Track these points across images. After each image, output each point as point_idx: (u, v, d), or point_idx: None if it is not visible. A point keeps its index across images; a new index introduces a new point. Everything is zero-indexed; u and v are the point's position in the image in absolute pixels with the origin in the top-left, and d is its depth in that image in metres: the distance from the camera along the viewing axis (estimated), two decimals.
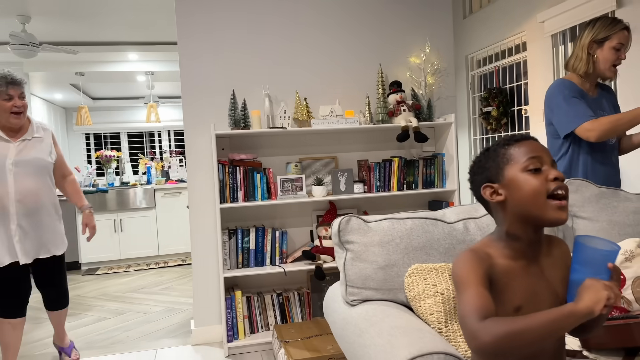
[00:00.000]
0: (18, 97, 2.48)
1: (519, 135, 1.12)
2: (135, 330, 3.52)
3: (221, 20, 3.15)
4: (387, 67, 3.35)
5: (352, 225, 1.68)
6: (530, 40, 4.69)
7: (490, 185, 1.12)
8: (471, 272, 1.04)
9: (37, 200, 2.53)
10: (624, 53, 2.12)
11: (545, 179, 1.05)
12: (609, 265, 0.97)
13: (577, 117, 2.08)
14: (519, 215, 1.09)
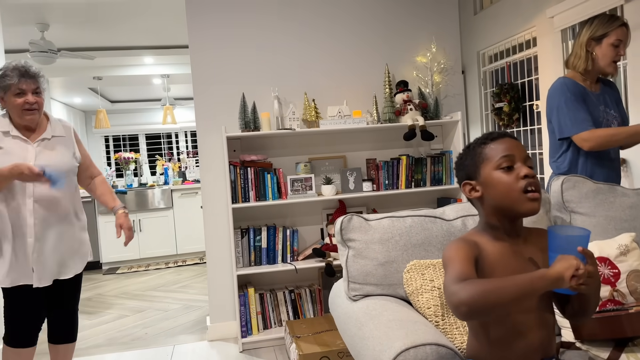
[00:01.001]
0: (32, 92, 2.08)
1: (495, 134, 1.19)
2: (154, 327, 3.64)
3: (230, 25, 3.23)
4: (393, 67, 3.40)
5: (354, 223, 1.75)
6: (541, 36, 4.68)
7: (469, 182, 1.21)
8: (458, 251, 1.13)
9: (59, 209, 2.15)
10: (623, 49, 2.15)
11: (517, 176, 1.13)
12: (578, 248, 1.03)
13: (575, 124, 2.10)
14: (495, 208, 1.18)
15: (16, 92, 2.06)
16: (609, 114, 2.21)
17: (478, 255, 1.16)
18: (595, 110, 2.18)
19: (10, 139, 2.10)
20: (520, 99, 5.10)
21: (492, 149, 1.17)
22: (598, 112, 2.18)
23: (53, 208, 2.13)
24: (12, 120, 2.13)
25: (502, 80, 5.43)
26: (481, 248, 1.17)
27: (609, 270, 1.62)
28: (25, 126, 2.13)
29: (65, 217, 2.18)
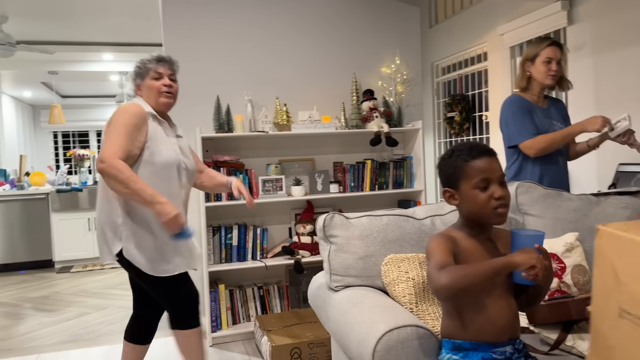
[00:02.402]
0: (168, 77, 2.09)
1: (477, 150, 1.35)
2: (120, 324, 3.66)
3: (206, 28, 3.33)
4: (360, 76, 3.61)
5: (336, 221, 1.92)
6: (491, 51, 5.04)
7: (449, 190, 1.39)
8: (439, 244, 1.33)
9: (187, 209, 2.22)
10: (554, 65, 2.45)
11: (491, 196, 1.32)
12: (535, 245, 1.26)
13: (520, 134, 2.42)
14: (469, 216, 1.38)
15: (154, 76, 2.07)
16: (556, 125, 2.51)
17: (455, 249, 1.35)
18: (542, 122, 2.48)
19: (157, 123, 2.05)
20: (471, 109, 5.47)
21: (472, 168, 1.33)
22: (544, 124, 2.48)
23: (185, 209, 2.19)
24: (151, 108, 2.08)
25: (454, 91, 5.78)
26: (457, 243, 1.36)
27: (556, 264, 1.87)
28: (161, 114, 2.11)
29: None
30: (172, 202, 1.96)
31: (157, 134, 2.03)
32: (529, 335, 1.73)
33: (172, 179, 2.06)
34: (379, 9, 3.65)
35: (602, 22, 3.76)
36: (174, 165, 2.05)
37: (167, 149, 2.04)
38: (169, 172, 2.04)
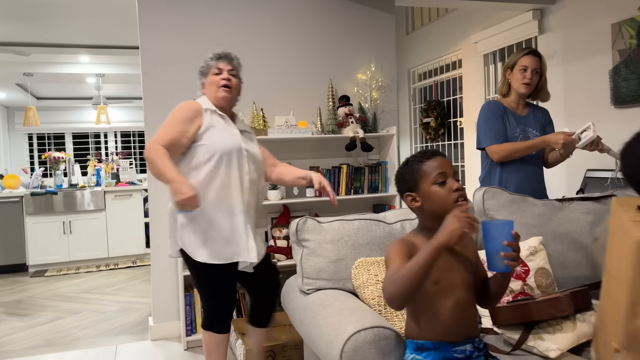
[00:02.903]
0: (228, 72, 2.19)
1: (429, 152, 1.44)
2: (93, 328, 3.63)
3: (182, 31, 3.35)
4: (336, 82, 3.66)
5: (308, 225, 1.96)
6: (465, 58, 5.15)
7: (410, 194, 1.44)
8: (396, 254, 1.37)
9: (257, 197, 2.25)
10: (529, 73, 2.54)
11: (450, 189, 1.39)
12: (512, 232, 1.32)
13: (487, 138, 2.55)
14: (433, 214, 1.42)
15: (215, 72, 2.18)
16: (531, 132, 2.60)
17: (412, 253, 1.38)
18: (513, 129, 2.56)
19: (217, 117, 2.17)
20: (446, 115, 5.57)
21: (428, 167, 1.40)
22: (515, 130, 2.56)
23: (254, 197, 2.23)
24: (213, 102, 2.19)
25: (430, 97, 5.89)
26: (417, 248, 1.41)
27: (520, 267, 1.94)
28: (221, 109, 2.20)
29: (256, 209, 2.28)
30: (231, 186, 2.10)
31: (214, 125, 2.14)
32: (492, 335, 1.79)
33: (232, 165, 2.12)
34: (355, 17, 3.71)
35: (572, 32, 3.88)
36: (233, 150, 2.12)
37: (224, 137, 2.12)
38: (228, 158, 2.11)
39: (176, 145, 2.06)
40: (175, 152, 2.08)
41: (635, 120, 3.36)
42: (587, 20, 3.72)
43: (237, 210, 2.13)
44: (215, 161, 2.10)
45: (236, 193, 2.13)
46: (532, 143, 2.48)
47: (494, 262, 1.34)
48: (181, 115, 2.09)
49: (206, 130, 2.11)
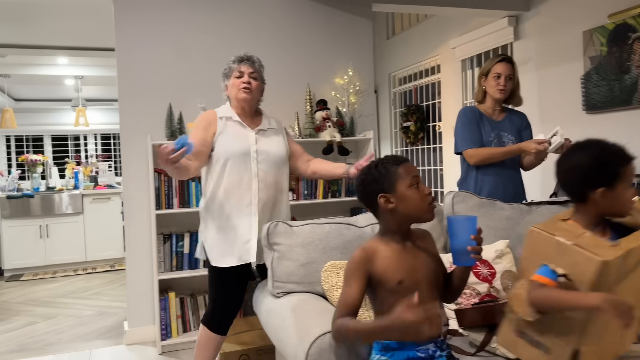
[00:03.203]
0: (248, 75, 2.25)
1: (401, 158, 1.47)
2: (68, 333, 3.59)
3: (158, 34, 3.34)
4: (314, 87, 3.68)
5: (279, 229, 1.97)
6: (444, 63, 5.22)
7: (385, 195, 1.45)
8: (354, 271, 1.41)
9: (275, 197, 2.28)
10: (503, 80, 2.60)
11: (423, 193, 1.44)
12: (477, 227, 1.39)
13: (464, 142, 2.62)
14: (404, 217, 1.45)
15: (236, 75, 2.26)
16: (506, 137, 2.66)
17: (371, 267, 1.42)
18: (488, 133, 2.62)
19: (231, 123, 2.26)
20: (425, 119, 5.63)
21: (404, 170, 1.44)
22: (489, 135, 2.62)
23: (272, 196, 2.27)
24: (233, 108, 2.30)
25: (409, 101, 5.94)
26: (377, 255, 1.44)
27: (487, 270, 1.97)
28: (242, 110, 2.29)
29: (278, 205, 2.32)
30: (239, 190, 2.18)
31: (226, 131, 2.23)
32: (458, 337, 1.81)
33: (238, 168, 2.20)
34: (333, 22, 3.74)
35: (545, 39, 3.96)
36: (238, 154, 2.19)
37: (232, 142, 2.21)
38: (233, 162, 2.19)
39: (198, 153, 2.16)
40: (201, 162, 2.20)
41: (606, 125, 3.44)
42: (560, 28, 3.80)
43: (245, 213, 2.20)
44: (221, 166, 2.20)
45: (244, 196, 2.20)
46: (507, 149, 2.55)
47: (460, 256, 1.41)
48: (198, 126, 2.25)
49: (218, 136, 2.23)
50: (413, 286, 1.42)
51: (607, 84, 3.37)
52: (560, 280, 1.33)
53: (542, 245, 1.40)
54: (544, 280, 1.35)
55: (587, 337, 1.31)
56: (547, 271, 1.35)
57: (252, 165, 2.21)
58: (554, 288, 1.33)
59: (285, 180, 2.36)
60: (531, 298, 1.34)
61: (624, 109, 3.31)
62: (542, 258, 1.39)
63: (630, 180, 1.42)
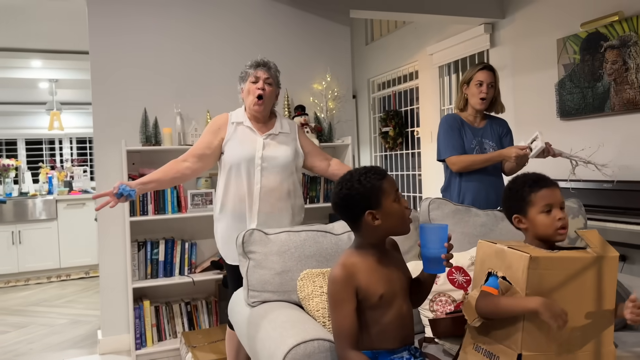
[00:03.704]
0: (263, 80, 2.26)
1: (381, 171, 1.45)
2: (40, 343, 3.50)
3: (133, 38, 3.29)
4: (292, 92, 3.67)
5: (255, 237, 1.94)
6: (422, 70, 5.26)
7: (372, 212, 1.42)
8: (341, 292, 1.39)
9: (280, 202, 2.29)
10: (485, 88, 2.62)
11: (403, 207, 1.44)
12: (449, 235, 1.41)
13: (447, 150, 2.63)
14: (387, 231, 1.45)
15: (252, 80, 2.27)
16: (487, 144, 2.68)
17: (356, 283, 1.40)
18: (469, 141, 2.65)
19: (242, 128, 2.30)
20: (404, 125, 5.66)
21: (388, 184, 1.43)
22: (471, 142, 2.65)
23: (276, 201, 2.30)
24: (247, 112, 2.32)
25: (388, 106, 5.97)
26: (357, 270, 1.42)
27: (462, 277, 1.98)
28: (254, 117, 2.31)
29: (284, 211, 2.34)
30: (242, 196, 2.24)
31: (235, 137, 2.28)
32: (433, 345, 1.81)
33: (241, 175, 2.25)
34: (311, 28, 3.73)
35: (521, 46, 4.02)
36: (242, 161, 2.24)
37: (238, 148, 2.25)
38: (237, 169, 2.25)
39: (202, 156, 2.27)
40: (205, 163, 2.29)
41: (579, 131, 3.50)
42: (534, 36, 3.86)
43: (248, 218, 2.26)
44: (227, 172, 2.28)
45: (247, 202, 2.26)
46: (489, 157, 2.58)
47: (432, 264, 1.42)
48: (208, 128, 2.32)
49: (227, 142, 2.29)
50: (392, 298, 1.43)
51: (581, 91, 3.43)
52: (501, 283, 1.41)
53: (487, 254, 1.51)
54: (490, 289, 1.43)
55: (526, 341, 1.37)
56: (494, 282, 1.44)
57: (255, 172, 2.25)
58: (498, 296, 1.40)
59: (294, 186, 2.37)
60: (477, 307, 1.42)
61: (596, 116, 3.37)
62: (488, 266, 1.49)
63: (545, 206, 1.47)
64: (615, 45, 3.18)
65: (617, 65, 3.17)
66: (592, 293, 1.42)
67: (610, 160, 3.26)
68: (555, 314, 1.26)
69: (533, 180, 1.52)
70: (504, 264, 1.43)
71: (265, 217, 2.27)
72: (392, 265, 1.47)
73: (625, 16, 3.12)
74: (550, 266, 1.37)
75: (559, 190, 1.52)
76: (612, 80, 3.21)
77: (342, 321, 1.39)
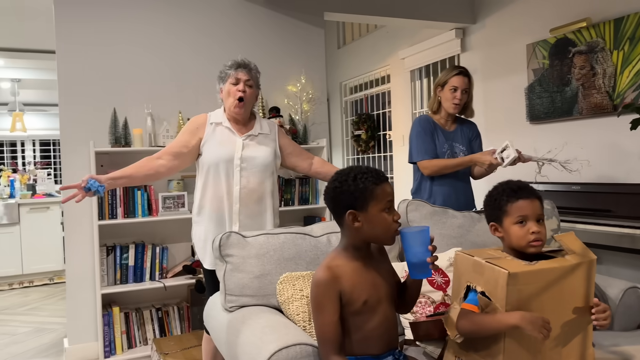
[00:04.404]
0: (244, 82, 2.22)
1: (382, 176, 1.39)
2: (1, 353, 3.34)
3: (102, 36, 3.20)
4: (267, 94, 3.63)
5: (232, 240, 1.90)
6: (394, 74, 5.30)
7: (354, 212, 1.38)
8: (324, 295, 1.35)
9: (260, 205, 2.27)
10: (459, 93, 2.62)
11: (393, 219, 1.38)
12: (431, 236, 1.36)
13: (419, 153, 2.63)
14: (368, 238, 1.41)
15: (232, 81, 2.23)
16: (458, 147, 2.69)
17: (340, 286, 1.37)
18: (441, 144, 2.66)
19: (221, 128, 2.26)
20: (376, 128, 5.69)
21: (381, 191, 1.36)
22: (443, 146, 2.66)
23: (256, 202, 2.26)
24: (226, 113, 2.29)
25: (360, 110, 5.99)
26: (341, 273, 1.38)
27: (441, 278, 1.98)
28: (234, 118, 2.27)
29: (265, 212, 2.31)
30: (221, 197, 2.21)
31: (213, 138, 2.24)
32: (414, 348, 1.80)
33: (219, 176, 2.21)
34: (286, 30, 3.71)
35: (491, 51, 4.09)
36: (220, 162, 2.20)
37: (217, 149, 2.22)
38: (215, 170, 2.21)
39: (178, 154, 2.23)
40: (181, 162, 2.25)
41: (549, 135, 3.58)
42: (504, 41, 3.94)
43: (228, 220, 2.23)
44: (205, 173, 2.24)
45: (225, 204, 2.22)
46: (460, 161, 2.59)
47: (418, 269, 1.38)
48: (186, 128, 2.28)
49: (205, 143, 2.24)
50: (376, 303, 1.40)
51: (550, 96, 3.51)
52: (480, 299, 1.40)
53: (464, 266, 1.49)
54: (470, 307, 1.41)
55: (508, 355, 1.37)
56: (473, 297, 1.42)
57: (234, 173, 2.22)
58: (478, 314, 1.39)
59: (273, 187, 2.35)
60: (458, 327, 1.41)
61: (565, 120, 3.45)
62: (465, 279, 1.47)
63: (519, 217, 1.47)
64: (583, 51, 3.26)
65: (585, 71, 3.26)
66: (571, 299, 1.43)
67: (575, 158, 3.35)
68: (538, 325, 1.26)
69: (512, 189, 1.51)
70: (482, 278, 1.41)
71: (246, 218, 2.24)
72: (378, 270, 1.44)
73: (593, 22, 3.21)
74: (530, 280, 1.36)
75: (538, 202, 1.50)
76: (580, 85, 3.29)
77: (326, 326, 1.35)
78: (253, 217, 2.26)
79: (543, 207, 1.53)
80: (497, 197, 1.53)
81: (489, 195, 1.57)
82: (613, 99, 3.10)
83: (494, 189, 1.56)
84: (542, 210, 1.50)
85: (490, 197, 1.56)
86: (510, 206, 1.49)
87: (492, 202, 1.54)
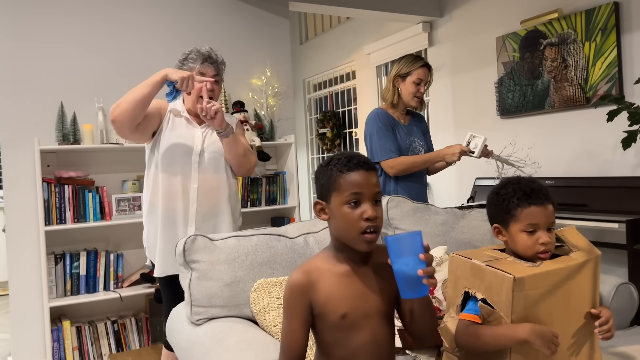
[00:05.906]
0: (212, 78, 2.02)
1: (355, 161, 1.16)
2: None
3: (48, 25, 2.91)
4: (230, 87, 3.41)
5: (198, 244, 1.69)
6: (359, 70, 5.17)
7: (320, 202, 1.19)
8: (292, 302, 1.16)
9: (218, 202, 2.06)
10: (423, 87, 2.47)
11: (361, 215, 1.12)
12: (425, 244, 1.10)
13: (383, 152, 2.40)
14: (337, 234, 1.19)
15: (197, 75, 2.00)
16: (417, 142, 2.53)
17: (312, 295, 1.16)
18: (403, 140, 2.47)
19: (180, 119, 2.06)
20: (342, 126, 5.55)
21: (345, 181, 1.14)
22: (405, 141, 2.48)
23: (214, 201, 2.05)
24: (185, 104, 2.09)
25: (325, 107, 5.84)
26: (320, 279, 1.17)
27: None
28: (195, 112, 2.05)
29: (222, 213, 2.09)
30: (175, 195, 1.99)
31: (170, 128, 2.03)
32: (402, 357, 1.65)
33: (177, 172, 2.00)
34: (249, 19, 3.50)
35: (459, 45, 4.01)
36: (176, 156, 2.00)
37: (178, 140, 2.01)
38: (174, 164, 2.00)
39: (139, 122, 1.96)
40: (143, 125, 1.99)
41: (519, 129, 3.52)
42: (473, 34, 3.87)
43: (182, 220, 2.02)
44: (156, 167, 2.02)
45: (181, 202, 2.01)
46: (428, 157, 2.44)
47: (409, 286, 1.09)
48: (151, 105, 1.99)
49: (160, 132, 2.03)
50: (362, 318, 1.17)
51: (520, 89, 3.45)
52: (482, 307, 1.24)
53: (461, 270, 1.33)
54: (471, 317, 1.25)
55: None
56: (474, 306, 1.26)
57: (192, 168, 2.02)
58: (481, 326, 1.23)
59: (235, 186, 2.17)
60: (458, 340, 1.27)
61: (536, 114, 3.40)
62: (463, 283, 1.32)
63: (528, 225, 1.29)
64: (555, 43, 3.22)
65: (557, 63, 3.21)
66: (579, 301, 1.30)
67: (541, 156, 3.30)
68: (548, 340, 1.14)
69: (525, 192, 1.31)
70: (483, 283, 1.25)
71: (202, 220, 2.03)
72: (370, 280, 1.20)
73: (564, 14, 3.16)
74: (536, 284, 1.22)
75: (552, 208, 1.32)
76: (552, 78, 3.24)
77: (288, 334, 1.16)
78: (209, 219, 2.05)
79: (555, 211, 1.34)
80: (506, 198, 1.33)
81: (496, 194, 1.36)
82: (586, 92, 3.06)
83: (503, 187, 1.35)
84: (554, 217, 1.33)
85: (498, 196, 1.35)
86: (520, 211, 1.30)
87: (500, 203, 1.34)
